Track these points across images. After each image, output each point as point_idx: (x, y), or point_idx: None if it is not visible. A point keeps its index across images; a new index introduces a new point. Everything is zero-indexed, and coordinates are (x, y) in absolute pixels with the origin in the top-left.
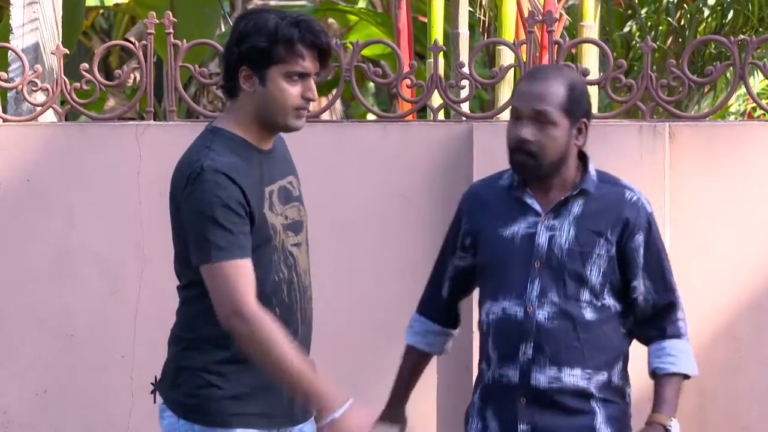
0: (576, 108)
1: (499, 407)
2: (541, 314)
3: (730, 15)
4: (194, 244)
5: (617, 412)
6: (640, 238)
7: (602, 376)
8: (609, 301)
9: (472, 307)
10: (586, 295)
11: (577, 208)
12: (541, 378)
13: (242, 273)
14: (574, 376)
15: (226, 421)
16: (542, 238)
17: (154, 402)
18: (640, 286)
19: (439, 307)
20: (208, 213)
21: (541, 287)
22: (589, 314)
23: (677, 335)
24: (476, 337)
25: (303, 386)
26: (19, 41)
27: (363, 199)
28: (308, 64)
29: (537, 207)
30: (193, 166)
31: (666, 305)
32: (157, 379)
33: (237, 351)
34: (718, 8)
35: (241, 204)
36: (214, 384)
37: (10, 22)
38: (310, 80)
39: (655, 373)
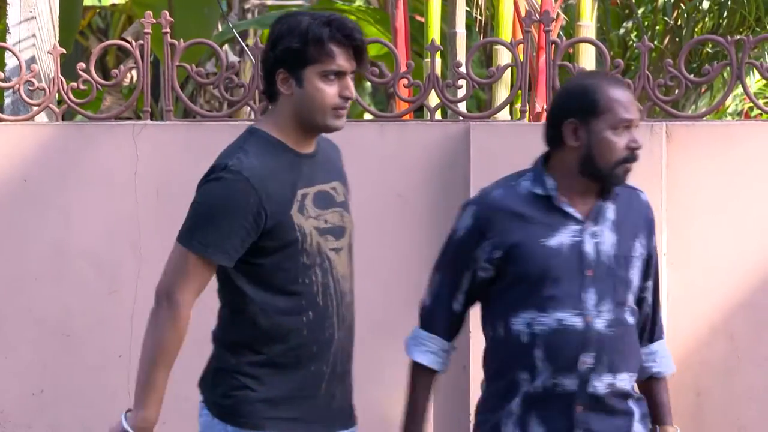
0: None
1: (549, 415)
2: (600, 323)
3: (725, 14)
4: (185, 220)
5: (645, 408)
6: (655, 238)
7: (635, 377)
8: (635, 303)
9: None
10: (630, 300)
11: (611, 213)
12: (599, 385)
13: (196, 272)
14: (623, 381)
15: (260, 424)
16: (589, 246)
17: None
18: (649, 285)
19: (450, 322)
20: (209, 203)
21: (597, 296)
22: (630, 318)
23: (662, 336)
24: (473, 337)
25: (149, 394)
26: (15, 41)
27: (360, 198)
28: (342, 62)
29: (577, 215)
30: (220, 162)
31: (657, 305)
32: (200, 377)
33: (272, 354)
34: (715, 8)
35: (252, 212)
36: (248, 386)
37: (7, 21)
38: (347, 79)
39: (652, 377)
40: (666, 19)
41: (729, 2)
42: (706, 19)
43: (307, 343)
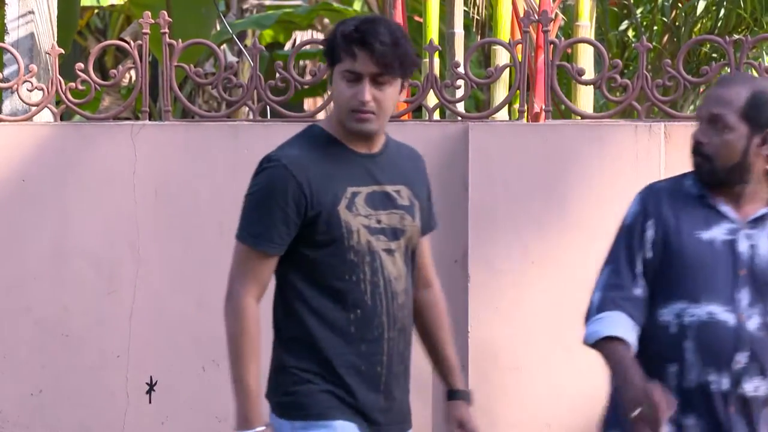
0: (758, 115)
1: (701, 413)
2: (752, 324)
3: (722, 14)
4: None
5: None
6: None
7: None
8: None
9: (468, 304)
10: None
11: None
12: (748, 386)
13: (250, 263)
14: (766, 384)
15: (324, 413)
16: (743, 247)
17: (150, 402)
18: None
19: (632, 305)
20: (254, 195)
21: (750, 296)
22: None
23: None
24: (471, 337)
25: (239, 392)
26: (14, 41)
27: None
28: (360, 64)
29: (732, 215)
30: (266, 155)
31: None
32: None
33: (325, 351)
34: (713, 8)
35: (294, 197)
36: (309, 380)
37: (5, 20)
38: (364, 82)
39: None
40: (664, 19)
41: (726, 2)
42: (705, 20)
43: (354, 341)
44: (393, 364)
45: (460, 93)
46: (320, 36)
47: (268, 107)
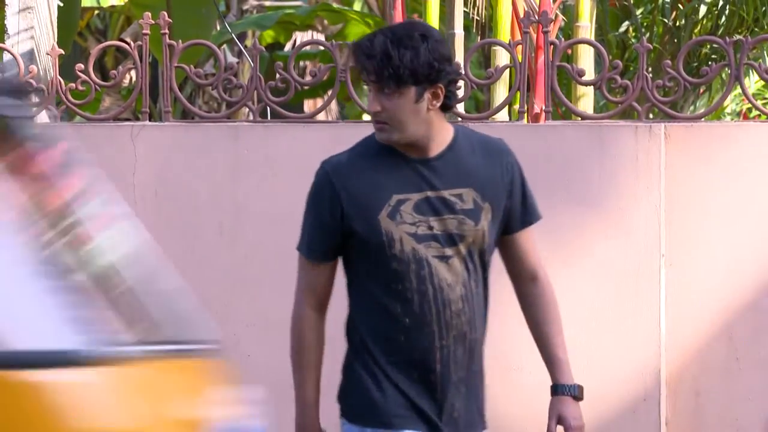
0: None
1: None
2: None
3: (723, 15)
4: None
5: None
6: None
7: None
8: None
9: None
10: None
11: None
12: None
13: (303, 272)
14: None
15: (389, 421)
16: None
17: None
18: None
19: None
20: (306, 202)
21: None
22: None
23: None
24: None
25: (296, 399)
26: (14, 42)
27: None
28: (365, 75)
29: None
30: None
31: None
32: None
33: (380, 359)
34: (713, 9)
35: (330, 204)
36: (372, 387)
37: (5, 22)
38: (374, 92)
39: None
40: (664, 20)
41: (727, 3)
42: (705, 20)
43: (406, 350)
44: (450, 372)
45: (460, 94)
46: (320, 37)
47: (268, 108)
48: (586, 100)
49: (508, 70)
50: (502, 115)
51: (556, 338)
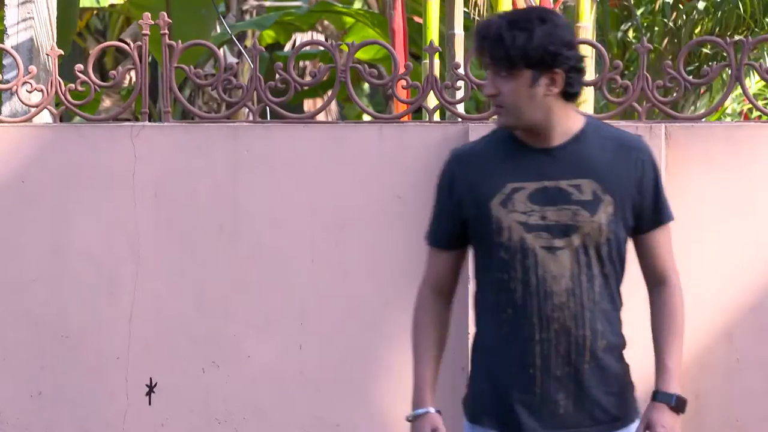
0: None
1: None
2: None
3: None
4: None
5: None
6: None
7: None
8: None
9: (468, 306)
10: None
11: None
12: None
13: (428, 257)
14: None
15: (476, 418)
16: None
17: (149, 403)
18: None
19: None
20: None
21: None
22: None
23: None
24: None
25: (413, 376)
26: (13, 41)
27: (358, 200)
28: (481, 56)
29: None
30: None
31: None
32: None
33: (486, 351)
34: (714, 9)
35: (450, 191)
36: (473, 381)
37: (5, 21)
38: (490, 75)
39: None
40: (665, 20)
41: (727, 4)
42: (705, 21)
43: (507, 341)
44: (551, 367)
45: (460, 94)
46: (320, 37)
47: (267, 108)
48: (586, 103)
49: None
50: None
51: (669, 346)
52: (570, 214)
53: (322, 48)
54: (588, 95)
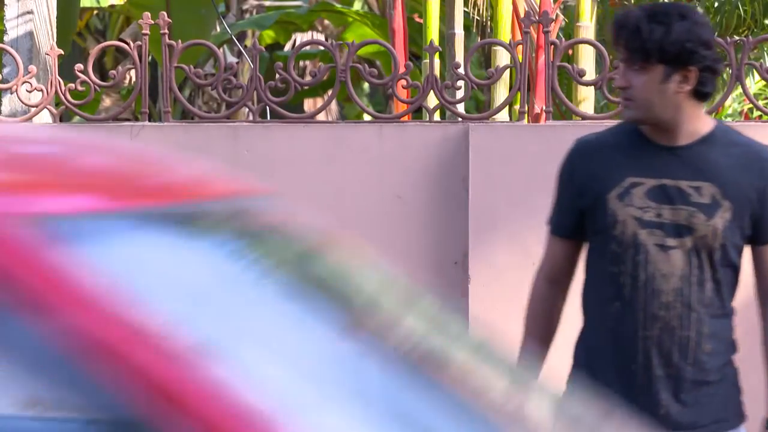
0: None
1: None
2: None
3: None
4: None
5: None
6: None
7: None
8: None
9: (468, 305)
10: None
11: None
12: None
13: (548, 244)
14: None
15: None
16: None
17: None
18: None
19: None
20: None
21: None
22: None
23: None
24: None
25: None
26: (13, 41)
27: (358, 199)
28: (617, 47)
29: None
30: None
31: None
32: None
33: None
34: (713, 9)
35: (570, 180)
36: (578, 371)
37: (4, 21)
38: (623, 67)
39: None
40: None
41: (727, 4)
42: None
43: (612, 335)
44: (653, 366)
45: (460, 94)
46: (320, 37)
47: (267, 108)
48: (586, 100)
49: (508, 71)
50: (503, 115)
51: None
52: (686, 214)
53: (322, 48)
54: (588, 95)
